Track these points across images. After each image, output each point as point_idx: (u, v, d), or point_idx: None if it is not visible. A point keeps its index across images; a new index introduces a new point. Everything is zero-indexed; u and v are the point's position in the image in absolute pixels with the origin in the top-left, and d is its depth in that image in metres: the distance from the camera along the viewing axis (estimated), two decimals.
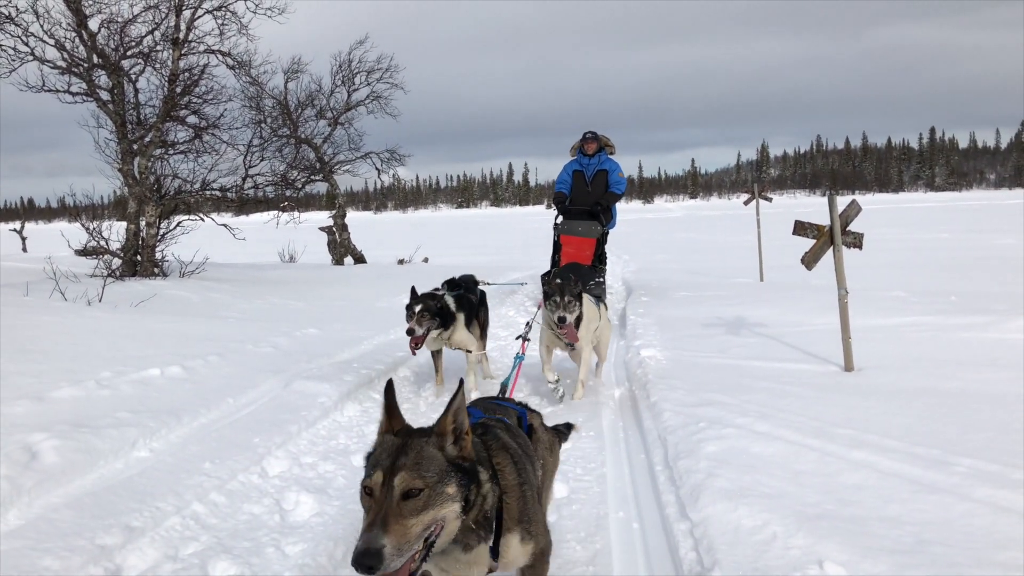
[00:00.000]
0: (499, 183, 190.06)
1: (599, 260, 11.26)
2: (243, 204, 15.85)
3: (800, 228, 6.43)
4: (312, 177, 20.39)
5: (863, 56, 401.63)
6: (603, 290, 10.65)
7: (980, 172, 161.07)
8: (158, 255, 12.80)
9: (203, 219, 14.23)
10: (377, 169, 21.96)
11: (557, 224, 11.57)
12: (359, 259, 20.72)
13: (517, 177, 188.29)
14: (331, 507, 4.14)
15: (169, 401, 5.27)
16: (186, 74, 13.11)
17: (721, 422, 4.78)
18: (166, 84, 12.86)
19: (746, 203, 15.71)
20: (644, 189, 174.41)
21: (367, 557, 1.88)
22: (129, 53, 12.56)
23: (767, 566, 3.03)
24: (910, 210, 54.63)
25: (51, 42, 12.00)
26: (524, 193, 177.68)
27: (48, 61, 12.13)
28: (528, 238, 31.04)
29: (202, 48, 13.45)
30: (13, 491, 3.72)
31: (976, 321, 7.41)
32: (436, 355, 6.90)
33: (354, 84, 21.01)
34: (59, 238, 13.08)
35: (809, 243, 6.33)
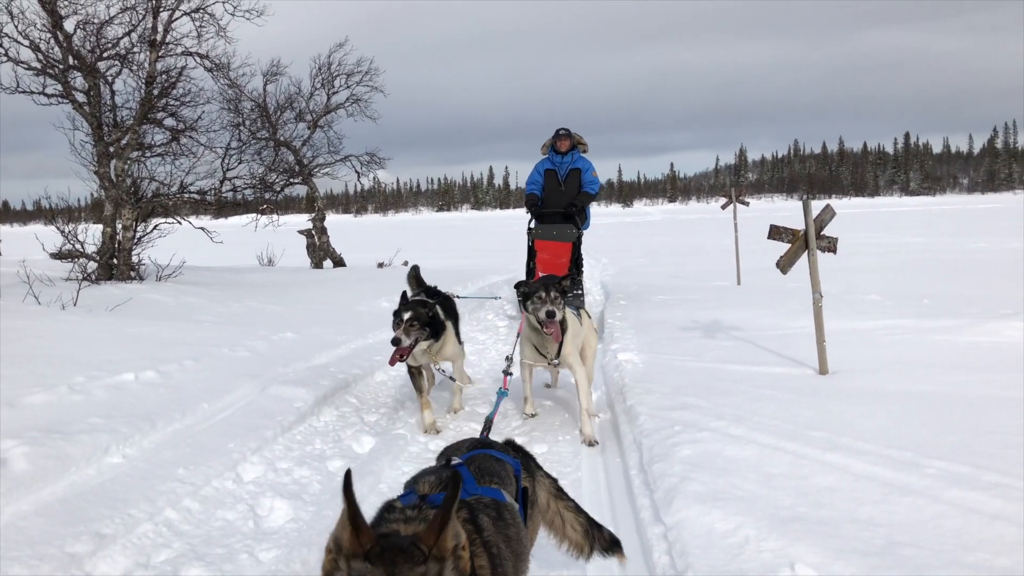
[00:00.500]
0: (480, 186, 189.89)
1: (576, 266, 10.73)
2: (221, 207, 15.71)
3: (775, 232, 6.49)
4: (291, 180, 20.25)
5: (840, 61, 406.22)
6: (582, 300, 10.37)
7: (954, 177, 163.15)
8: (135, 258, 12.66)
9: (180, 222, 14.08)
10: (357, 172, 21.85)
11: (531, 228, 10.93)
12: (338, 262, 20.62)
13: (498, 180, 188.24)
14: (306, 513, 4.13)
15: (143, 406, 5.20)
16: (163, 76, 12.97)
17: (696, 426, 4.80)
18: (143, 86, 12.71)
19: (724, 207, 15.74)
20: (623, 192, 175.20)
21: None
22: (105, 55, 12.41)
23: (740, 569, 3.06)
24: (885, 214, 55.25)
25: (26, 43, 11.82)
26: (505, 196, 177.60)
27: (23, 62, 11.95)
28: (509, 242, 31.04)
29: (180, 50, 13.30)
30: None
31: (949, 324, 7.51)
32: (417, 373, 5.84)
33: (334, 87, 20.91)
34: (34, 241, 12.90)
35: (784, 247, 6.39)
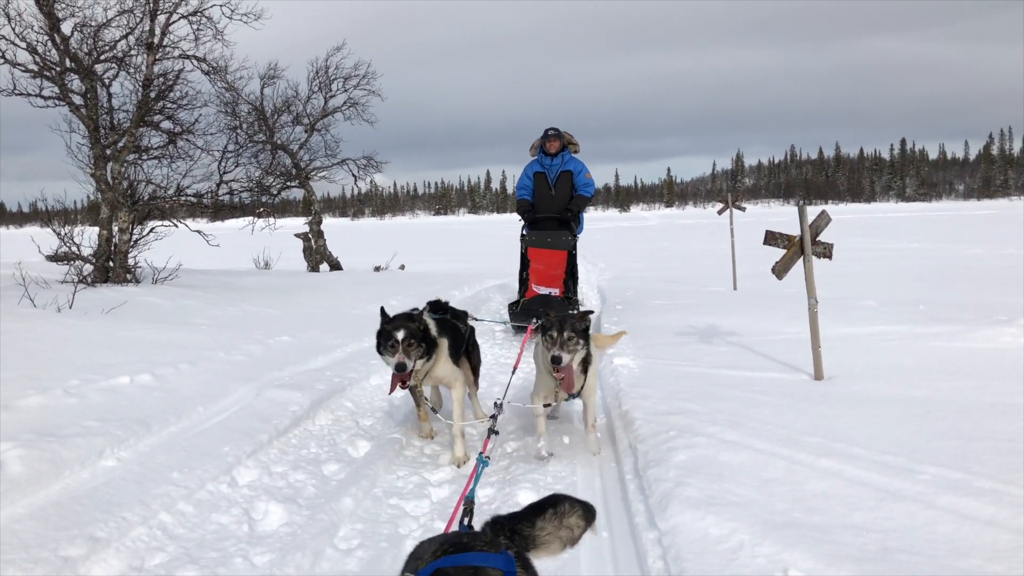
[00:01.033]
0: (477, 190, 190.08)
1: (571, 276, 10.36)
2: (218, 210, 15.71)
3: (771, 238, 6.51)
4: (288, 183, 20.27)
5: (837, 68, 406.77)
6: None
7: (949, 183, 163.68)
8: (131, 261, 12.63)
9: (177, 225, 14.07)
10: (354, 176, 21.89)
11: (523, 235, 10.54)
12: (335, 266, 20.61)
13: (495, 184, 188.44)
14: (300, 516, 4.12)
15: (138, 409, 5.19)
16: (160, 79, 12.97)
17: (691, 431, 4.81)
18: (140, 89, 12.72)
19: (720, 212, 15.76)
20: (620, 197, 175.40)
21: None
22: (103, 57, 12.41)
23: (734, 574, 3.06)
24: (881, 220, 55.34)
25: (23, 45, 11.83)
26: (502, 200, 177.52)
27: (19, 64, 11.94)
28: (505, 245, 31.05)
29: (177, 53, 13.31)
30: None
31: (944, 330, 7.52)
32: (414, 392, 5.50)
33: (331, 90, 20.97)
34: (30, 243, 12.88)
35: (780, 253, 6.41)
